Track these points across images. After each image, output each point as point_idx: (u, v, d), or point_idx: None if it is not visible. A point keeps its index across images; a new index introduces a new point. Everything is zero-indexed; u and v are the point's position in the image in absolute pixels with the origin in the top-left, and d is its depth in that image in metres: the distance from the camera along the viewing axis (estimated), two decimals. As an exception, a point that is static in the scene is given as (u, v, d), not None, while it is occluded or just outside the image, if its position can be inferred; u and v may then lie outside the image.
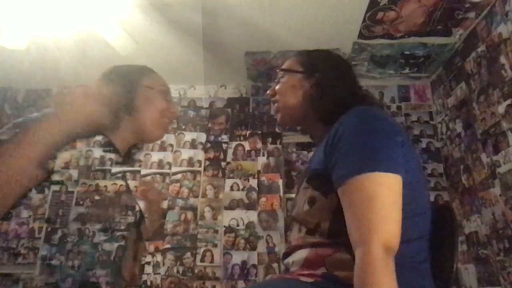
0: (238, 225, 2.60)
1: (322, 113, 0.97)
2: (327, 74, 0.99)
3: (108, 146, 1.02)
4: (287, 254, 0.90)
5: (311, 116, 0.99)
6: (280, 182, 2.72)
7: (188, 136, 2.91)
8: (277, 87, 1.07)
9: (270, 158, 2.81)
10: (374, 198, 0.71)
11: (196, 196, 2.71)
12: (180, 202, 2.69)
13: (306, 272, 0.79)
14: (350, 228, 0.72)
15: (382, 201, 0.71)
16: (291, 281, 0.78)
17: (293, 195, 2.75)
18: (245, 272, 2.48)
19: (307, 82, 1.00)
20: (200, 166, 2.81)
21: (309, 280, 0.76)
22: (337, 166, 0.78)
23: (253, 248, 2.54)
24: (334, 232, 0.79)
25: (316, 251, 0.80)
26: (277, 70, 1.10)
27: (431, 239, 0.83)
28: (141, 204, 1.08)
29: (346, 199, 0.74)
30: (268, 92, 1.11)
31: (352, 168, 0.74)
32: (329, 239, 0.80)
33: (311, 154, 2.95)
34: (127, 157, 1.14)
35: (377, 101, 2.85)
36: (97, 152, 0.99)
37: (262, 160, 2.80)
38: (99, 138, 1.01)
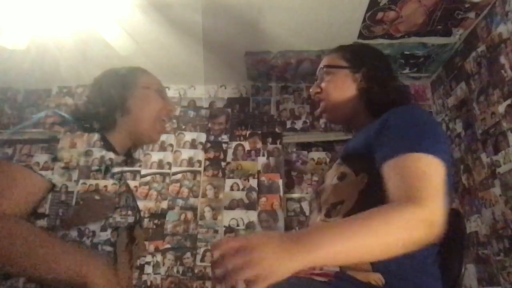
0: (238, 225, 2.60)
1: (374, 104, 0.97)
2: (374, 67, 1.01)
3: (107, 145, 1.03)
4: None
5: (361, 109, 1.00)
6: (280, 182, 2.72)
7: (188, 136, 2.91)
8: (323, 84, 1.06)
9: (270, 158, 2.81)
10: (426, 173, 0.70)
11: (196, 196, 2.70)
12: (180, 202, 2.68)
13: (318, 271, 0.77)
14: (396, 188, 0.70)
15: (433, 178, 0.70)
16: (304, 280, 0.77)
17: (293, 195, 2.78)
18: (245, 272, 2.47)
19: (356, 76, 1.01)
20: (200, 166, 2.80)
21: (322, 279, 0.75)
22: (387, 144, 0.78)
23: (253, 248, 2.53)
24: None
25: None
26: (321, 67, 1.09)
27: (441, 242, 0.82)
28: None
29: (396, 170, 0.73)
30: (311, 90, 1.10)
31: (406, 146, 0.74)
32: None
33: (311, 154, 2.95)
34: (127, 157, 1.14)
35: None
36: (97, 152, 0.98)
37: (262, 160, 2.80)
38: (97, 138, 1.01)
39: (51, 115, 1.04)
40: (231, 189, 2.72)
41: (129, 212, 0.99)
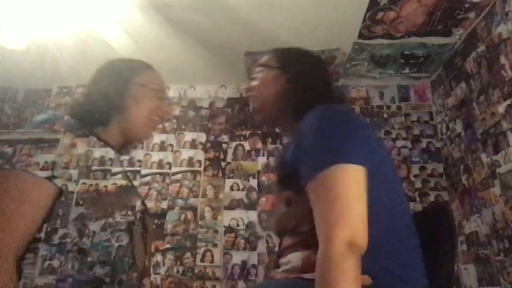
0: (238, 225, 2.60)
1: (294, 108, 0.97)
2: (302, 71, 1.01)
3: (104, 144, 1.03)
4: (279, 256, 0.89)
5: (285, 112, 1.00)
6: (280, 182, 2.72)
7: (188, 136, 2.91)
8: (254, 82, 1.07)
9: (270, 158, 2.81)
10: (336, 192, 0.70)
11: (196, 196, 2.71)
12: (180, 202, 2.68)
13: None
14: (316, 225, 0.72)
15: (344, 194, 0.70)
16: (293, 281, 0.77)
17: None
18: (245, 272, 2.47)
19: (282, 78, 1.01)
20: (200, 166, 2.80)
21: (311, 277, 0.75)
22: (302, 166, 0.78)
23: (253, 248, 2.53)
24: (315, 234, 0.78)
25: (311, 255, 0.78)
26: (256, 65, 1.10)
27: (430, 239, 0.82)
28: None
29: (312, 196, 0.74)
30: (243, 87, 1.11)
31: (314, 165, 0.74)
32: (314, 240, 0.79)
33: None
34: (123, 151, 1.13)
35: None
36: (97, 152, 0.99)
37: (262, 160, 2.80)
38: (96, 139, 1.01)
39: (53, 119, 1.05)
40: (231, 189, 2.72)
41: (129, 212, 0.99)
